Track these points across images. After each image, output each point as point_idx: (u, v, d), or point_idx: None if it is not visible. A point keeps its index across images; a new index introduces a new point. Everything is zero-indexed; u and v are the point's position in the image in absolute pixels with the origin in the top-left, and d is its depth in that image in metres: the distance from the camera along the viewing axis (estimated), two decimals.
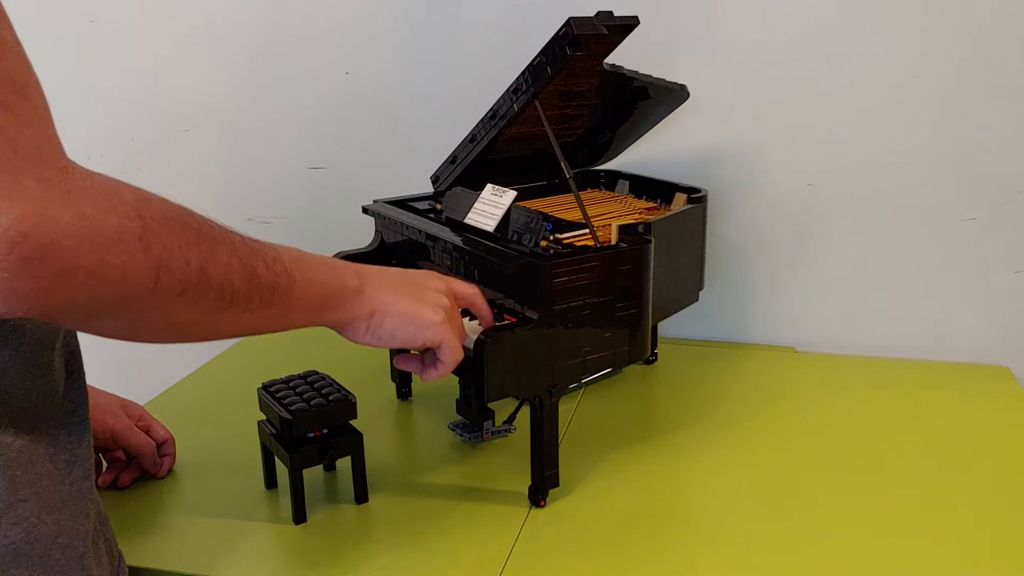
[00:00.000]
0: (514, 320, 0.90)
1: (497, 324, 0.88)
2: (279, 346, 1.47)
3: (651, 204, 1.22)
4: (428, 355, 0.81)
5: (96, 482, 0.77)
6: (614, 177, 1.31)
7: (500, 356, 0.85)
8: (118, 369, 1.69)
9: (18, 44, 0.52)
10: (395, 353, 0.89)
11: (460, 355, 0.80)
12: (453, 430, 1.10)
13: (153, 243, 0.54)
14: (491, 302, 0.95)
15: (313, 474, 0.99)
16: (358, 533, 0.91)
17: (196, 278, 0.58)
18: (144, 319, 0.57)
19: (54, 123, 0.52)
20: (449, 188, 1.08)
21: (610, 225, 0.99)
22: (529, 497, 0.95)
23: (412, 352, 0.84)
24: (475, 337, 0.85)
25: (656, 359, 1.33)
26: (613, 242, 0.96)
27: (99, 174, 0.54)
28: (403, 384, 1.22)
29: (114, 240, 0.52)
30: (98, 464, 1.01)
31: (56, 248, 0.49)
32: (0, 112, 0.49)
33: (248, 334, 0.67)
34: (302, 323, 0.70)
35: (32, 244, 0.48)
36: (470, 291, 0.85)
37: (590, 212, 1.11)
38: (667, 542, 0.88)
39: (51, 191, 0.49)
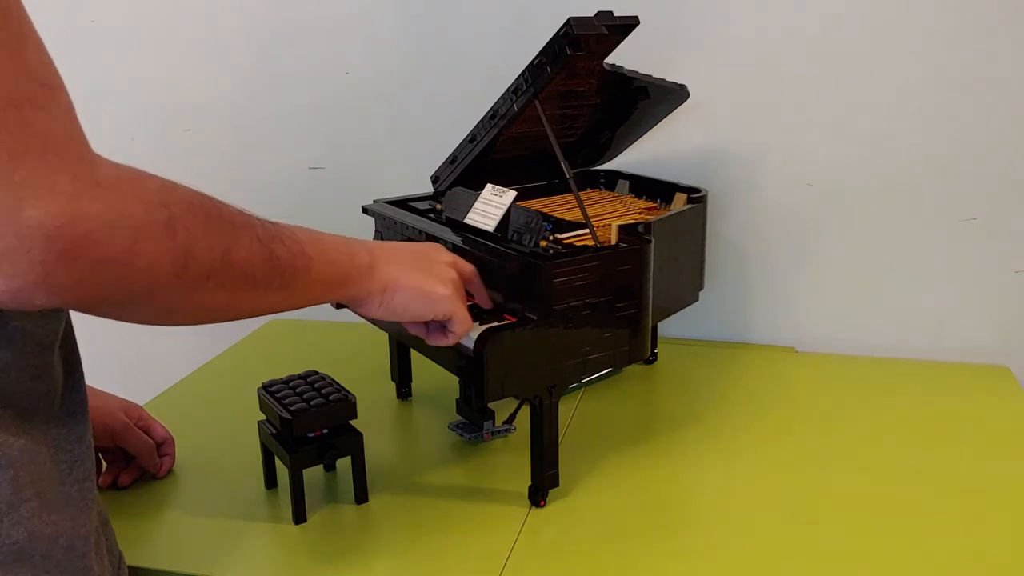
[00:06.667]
0: (514, 320, 0.90)
1: (497, 324, 0.88)
2: (279, 346, 1.48)
3: (651, 204, 1.22)
4: (433, 323, 0.83)
5: (96, 482, 0.77)
6: (614, 177, 1.31)
7: (500, 356, 0.85)
8: (118, 369, 1.70)
9: (40, 40, 0.52)
10: None
11: (470, 325, 0.83)
12: (453, 430, 1.10)
13: (179, 231, 0.56)
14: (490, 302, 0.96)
15: (313, 474, 0.99)
16: (358, 533, 0.91)
17: (220, 263, 0.60)
18: (174, 304, 0.59)
19: (77, 116, 0.53)
20: (449, 188, 1.08)
21: (610, 225, 0.99)
22: (529, 497, 0.95)
23: None
24: (475, 337, 0.85)
25: (656, 359, 1.33)
26: (613, 242, 0.96)
27: (123, 165, 0.55)
28: (403, 384, 1.22)
29: (142, 230, 0.54)
30: (98, 464, 1.01)
31: (89, 241, 0.50)
32: (30, 108, 0.49)
33: (270, 312, 0.70)
34: (319, 300, 0.73)
35: (67, 238, 0.49)
36: (470, 269, 0.88)
37: (590, 212, 1.11)
38: (667, 542, 0.88)
39: (81, 185, 0.50)
